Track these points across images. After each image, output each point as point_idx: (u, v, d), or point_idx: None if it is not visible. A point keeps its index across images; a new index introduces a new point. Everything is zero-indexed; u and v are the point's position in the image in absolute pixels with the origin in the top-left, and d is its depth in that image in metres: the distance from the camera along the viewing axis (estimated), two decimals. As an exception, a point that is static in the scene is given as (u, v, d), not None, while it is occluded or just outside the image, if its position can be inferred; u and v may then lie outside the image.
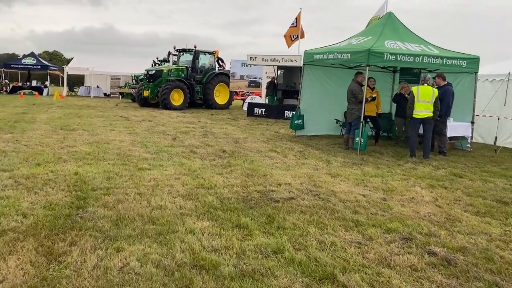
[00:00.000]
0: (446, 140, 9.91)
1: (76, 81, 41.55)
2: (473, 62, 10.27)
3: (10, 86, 34.48)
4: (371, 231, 4.46)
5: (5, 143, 8.88)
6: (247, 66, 22.00)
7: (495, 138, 11.99)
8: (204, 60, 23.18)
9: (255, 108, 19.38)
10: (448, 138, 10.07)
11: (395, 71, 13.15)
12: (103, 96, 34.54)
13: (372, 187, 6.42)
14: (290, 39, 21.06)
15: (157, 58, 28.95)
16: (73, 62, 36.85)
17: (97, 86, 34.63)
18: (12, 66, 35.47)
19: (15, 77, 38.83)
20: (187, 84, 21.42)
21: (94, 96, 32.86)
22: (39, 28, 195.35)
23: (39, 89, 33.57)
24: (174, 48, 23.65)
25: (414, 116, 9.04)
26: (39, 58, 37.15)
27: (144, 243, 3.90)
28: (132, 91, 26.64)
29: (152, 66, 26.43)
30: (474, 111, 10.65)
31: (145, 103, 22.08)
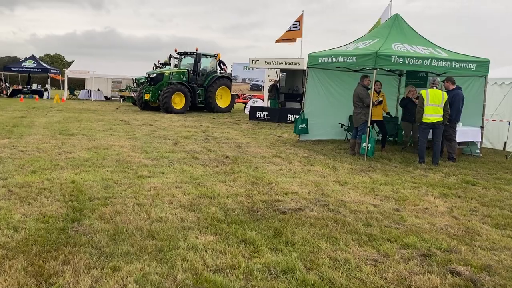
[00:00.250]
0: (456, 146, 9.60)
1: (77, 84, 41.29)
2: (482, 65, 9.98)
3: (10, 89, 34.25)
4: (386, 247, 4.16)
5: (1, 148, 8.61)
6: (249, 69, 21.74)
7: (505, 143, 11.69)
8: (205, 63, 22.90)
9: (257, 112, 19.06)
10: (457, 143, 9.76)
11: (400, 74, 12.87)
12: (104, 99, 34.26)
13: (383, 196, 6.12)
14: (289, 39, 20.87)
15: (158, 61, 28.73)
16: (73, 65, 36.64)
17: (98, 90, 34.35)
18: (12, 69, 35.18)
19: (16, 80, 38.62)
20: (188, 87, 21.13)
21: (95, 100, 32.61)
22: (40, 32, 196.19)
23: (39, 92, 33.35)
24: (176, 51, 23.37)
25: (424, 120, 8.74)
26: (40, 61, 36.90)
27: (143, 262, 3.61)
28: (133, 94, 26.36)
29: (153, 69, 26.19)
30: (483, 116, 10.36)
31: (146, 106, 21.80)
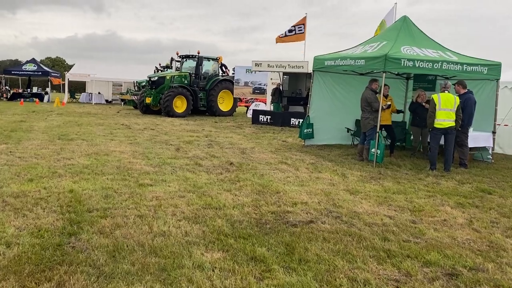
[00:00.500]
0: (468, 152, 9.30)
1: (78, 87, 41.08)
2: (494, 69, 9.68)
3: (11, 92, 34.02)
4: (407, 264, 3.85)
5: (-3, 155, 8.33)
6: (251, 72, 21.45)
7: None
8: (207, 66, 22.62)
9: (260, 115, 18.73)
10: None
11: (408, 78, 12.57)
12: (105, 102, 34.02)
13: (397, 207, 5.81)
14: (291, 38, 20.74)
15: (159, 65, 28.52)
16: (74, 68, 36.44)
17: (98, 93, 34.11)
18: (12, 72, 34.97)
19: (16, 83, 38.41)
20: (190, 90, 20.85)
21: (95, 103, 32.36)
22: (42, 35, 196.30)
23: (39, 95, 33.11)
24: (177, 54, 23.13)
25: (436, 126, 8.43)
26: (40, 64, 36.64)
27: (145, 283, 3.31)
28: (134, 98, 26.10)
29: (154, 73, 25.94)
30: (495, 120, 10.05)
31: (147, 110, 21.53)
